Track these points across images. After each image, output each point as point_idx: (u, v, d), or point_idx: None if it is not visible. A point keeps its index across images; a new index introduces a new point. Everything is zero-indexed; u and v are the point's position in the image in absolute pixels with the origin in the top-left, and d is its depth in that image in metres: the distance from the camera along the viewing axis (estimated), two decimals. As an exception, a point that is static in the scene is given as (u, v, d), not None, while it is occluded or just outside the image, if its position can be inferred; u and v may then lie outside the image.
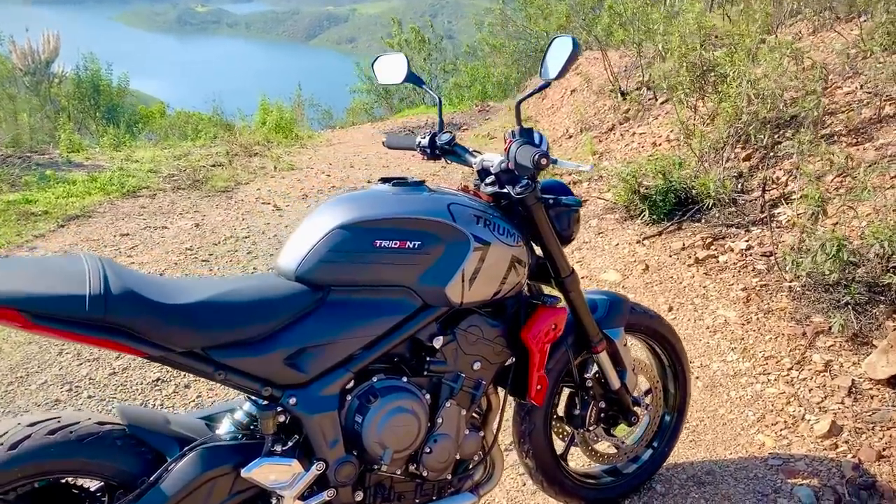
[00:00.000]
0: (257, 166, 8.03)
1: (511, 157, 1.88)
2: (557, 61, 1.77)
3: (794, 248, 3.64)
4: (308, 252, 1.72)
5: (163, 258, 4.81)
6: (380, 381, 1.85)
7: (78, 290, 1.44)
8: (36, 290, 1.42)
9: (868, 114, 4.81)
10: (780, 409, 2.85)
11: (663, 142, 6.19)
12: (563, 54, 1.75)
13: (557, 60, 1.77)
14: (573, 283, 2.13)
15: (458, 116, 11.69)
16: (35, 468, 1.48)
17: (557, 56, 1.77)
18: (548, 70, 1.82)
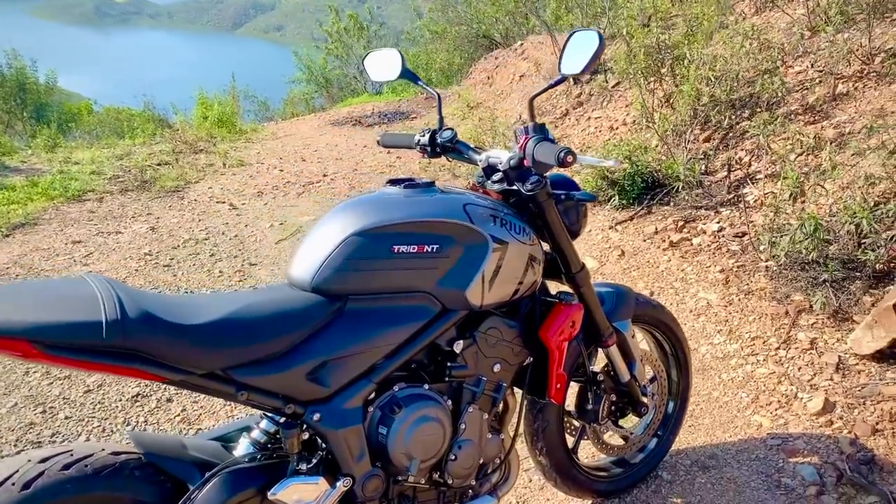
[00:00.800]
0: (205, 163, 7.79)
1: (529, 154, 1.83)
2: (579, 56, 1.72)
3: (767, 228, 3.71)
4: (324, 261, 1.65)
5: (121, 265, 4.61)
6: (401, 389, 1.79)
7: (93, 317, 1.35)
8: (47, 318, 1.32)
9: (821, 92, 4.93)
10: (773, 389, 2.90)
11: (620, 125, 6.24)
12: (586, 49, 1.70)
13: (580, 55, 1.72)
14: (584, 278, 2.10)
15: (405, 104, 11.58)
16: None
17: (579, 51, 1.73)
18: (568, 65, 1.77)
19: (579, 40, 1.74)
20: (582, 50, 1.72)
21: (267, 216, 5.77)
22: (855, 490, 2.37)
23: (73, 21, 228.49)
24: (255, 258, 4.79)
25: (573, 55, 1.75)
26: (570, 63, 1.76)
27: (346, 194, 6.36)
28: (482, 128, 6.94)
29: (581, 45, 1.73)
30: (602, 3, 7.72)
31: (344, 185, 6.67)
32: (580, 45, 1.73)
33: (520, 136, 1.95)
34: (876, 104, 4.42)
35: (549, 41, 9.88)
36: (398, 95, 13.23)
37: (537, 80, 8.74)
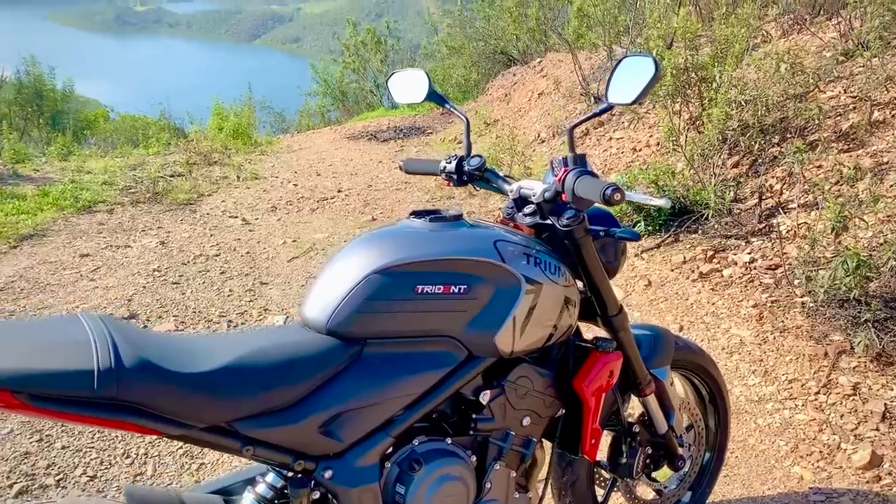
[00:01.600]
0: (219, 176, 7.68)
1: (568, 189, 1.67)
2: (631, 84, 1.56)
3: (802, 262, 3.53)
4: (341, 301, 1.49)
5: (129, 281, 4.48)
6: (421, 444, 1.63)
7: (84, 364, 1.20)
8: (33, 365, 1.17)
9: (856, 119, 4.75)
10: (813, 438, 2.71)
11: (643, 147, 6.08)
12: (639, 76, 1.54)
13: (631, 83, 1.56)
14: (622, 322, 1.93)
15: (420, 120, 11.47)
16: None
17: (630, 78, 1.57)
18: (616, 93, 1.61)
19: (630, 66, 1.58)
20: (634, 77, 1.56)
21: (280, 232, 5.63)
22: (907, 556, 2.18)
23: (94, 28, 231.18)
24: (267, 277, 4.64)
25: (623, 83, 1.59)
26: (619, 91, 1.60)
27: (360, 211, 6.22)
28: (500, 146, 6.78)
29: (633, 71, 1.57)
30: (626, 21, 7.58)
31: (358, 202, 6.53)
32: (631, 71, 1.57)
33: (557, 168, 1.78)
34: (915, 133, 4.24)
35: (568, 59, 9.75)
36: (414, 111, 13.11)
37: (556, 99, 8.59)
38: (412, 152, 9.01)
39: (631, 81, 1.57)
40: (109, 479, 2.64)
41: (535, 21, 9.25)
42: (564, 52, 10.09)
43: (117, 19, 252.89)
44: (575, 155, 1.74)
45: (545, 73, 9.23)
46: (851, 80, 5.21)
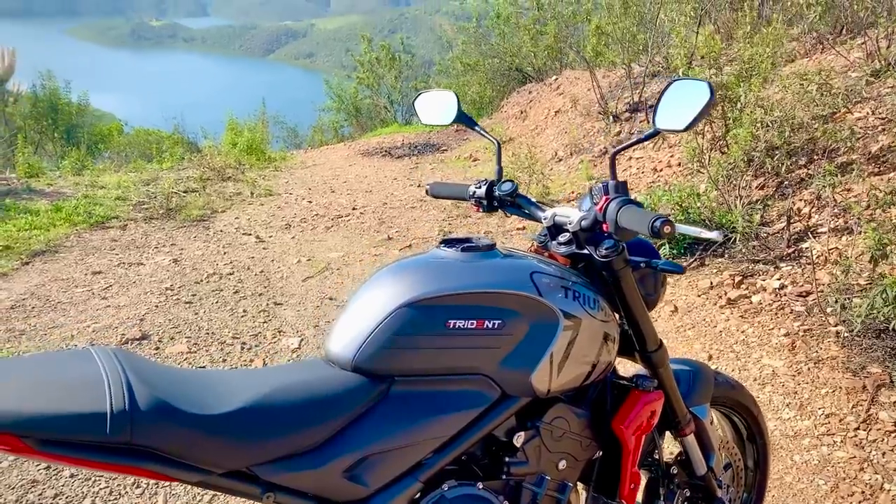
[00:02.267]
0: (233, 192, 7.62)
1: (610, 219, 1.57)
2: (682, 109, 1.46)
3: (835, 290, 3.41)
4: (368, 336, 1.39)
5: (141, 300, 4.40)
6: (451, 489, 1.52)
7: (97, 406, 1.11)
8: (42, 407, 1.08)
9: (886, 141, 4.64)
10: (854, 477, 2.58)
11: (664, 167, 5.98)
12: (691, 101, 1.44)
13: (682, 108, 1.46)
14: (662, 358, 1.82)
15: (435, 137, 11.40)
16: None
17: (681, 103, 1.47)
18: (666, 118, 1.51)
19: (681, 91, 1.48)
20: (684, 102, 1.46)
21: (294, 251, 5.55)
22: None
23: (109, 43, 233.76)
24: (281, 297, 4.55)
25: (673, 108, 1.49)
26: (668, 117, 1.50)
27: (375, 230, 6.13)
28: (518, 165, 6.69)
29: (683, 96, 1.47)
30: (644, 40, 7.50)
31: (374, 220, 6.45)
32: (682, 96, 1.48)
33: (597, 195, 1.69)
34: (949, 156, 4.12)
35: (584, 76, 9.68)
36: (428, 128, 13.07)
37: (573, 117, 8.51)
38: (427, 169, 8.94)
39: (681, 106, 1.47)
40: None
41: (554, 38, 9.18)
42: (581, 69, 10.04)
43: (132, 34, 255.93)
44: (616, 182, 1.64)
45: (561, 91, 9.15)
46: (880, 101, 5.10)
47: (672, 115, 1.49)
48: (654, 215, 1.45)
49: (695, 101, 1.43)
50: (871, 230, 3.12)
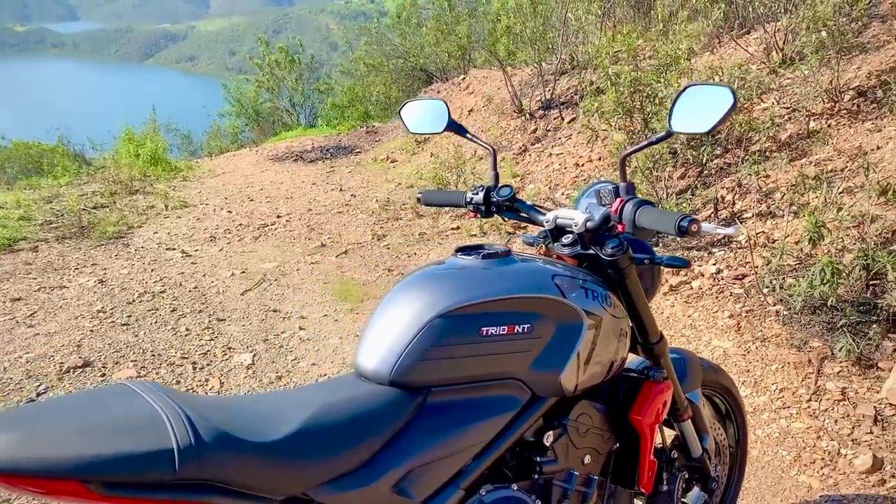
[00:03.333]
0: (145, 206, 7.31)
1: (627, 219, 1.64)
2: (701, 112, 1.53)
3: (772, 271, 3.64)
4: (405, 349, 1.40)
5: (73, 325, 4.17)
6: (488, 493, 1.55)
7: (162, 444, 1.08)
8: (103, 449, 1.04)
9: (793, 129, 4.97)
10: (813, 446, 2.77)
11: (586, 162, 6.17)
12: (711, 106, 1.52)
13: (701, 111, 1.53)
14: (663, 349, 1.90)
15: (346, 138, 11.31)
16: None
17: (698, 106, 1.54)
18: (681, 121, 1.58)
19: (697, 95, 1.56)
20: (703, 106, 1.53)
21: (225, 264, 5.39)
22: (928, 557, 2.25)
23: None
24: (223, 312, 4.42)
25: (689, 111, 1.56)
26: (685, 120, 1.57)
27: (306, 237, 6.04)
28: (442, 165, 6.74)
29: (700, 100, 1.54)
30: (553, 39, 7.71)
31: (302, 227, 6.35)
32: (699, 100, 1.55)
33: (608, 197, 1.76)
34: (853, 142, 4.46)
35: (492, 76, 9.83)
36: (334, 129, 12.94)
37: (487, 115, 8.64)
38: (344, 173, 8.86)
39: (700, 109, 1.54)
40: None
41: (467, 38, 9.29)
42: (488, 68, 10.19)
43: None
44: (627, 184, 1.71)
45: (472, 90, 9.26)
46: (782, 91, 5.45)
47: (689, 118, 1.56)
48: (680, 215, 1.51)
49: (716, 105, 1.51)
50: (807, 214, 3.34)
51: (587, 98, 5.68)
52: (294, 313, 4.41)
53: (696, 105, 1.55)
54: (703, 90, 1.56)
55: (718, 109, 1.50)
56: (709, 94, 1.54)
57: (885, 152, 4.14)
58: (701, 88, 1.56)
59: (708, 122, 1.51)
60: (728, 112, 1.50)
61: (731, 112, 1.50)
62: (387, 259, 5.35)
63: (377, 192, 7.54)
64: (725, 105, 1.49)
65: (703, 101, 1.54)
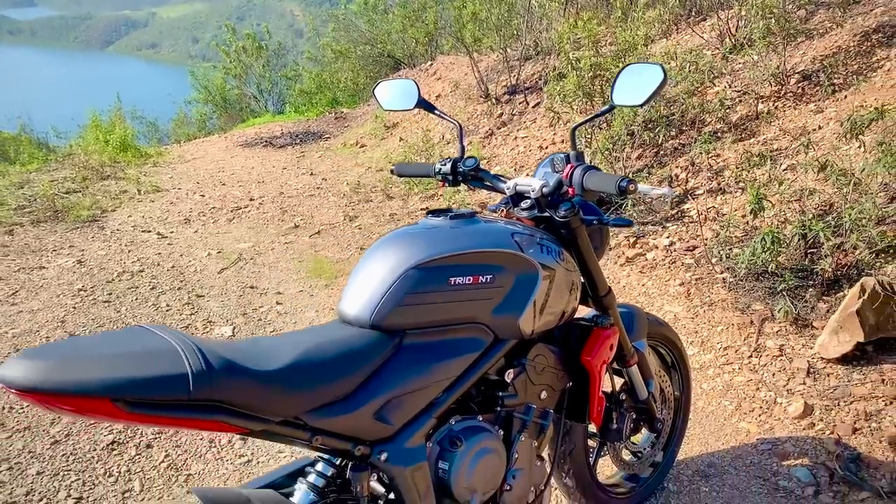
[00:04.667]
0: (118, 190, 7.40)
1: (577, 183, 1.88)
2: (637, 88, 1.77)
3: (718, 242, 3.92)
4: (382, 297, 1.62)
5: (55, 302, 4.31)
6: (457, 423, 1.78)
7: (178, 369, 1.27)
8: (129, 373, 1.23)
9: (743, 111, 5.26)
10: (753, 396, 3.05)
11: (549, 144, 6.42)
12: (645, 82, 1.75)
13: (637, 87, 1.77)
14: (611, 301, 2.15)
15: (314, 124, 11.43)
16: None
17: (636, 83, 1.78)
18: (622, 96, 1.81)
19: (635, 73, 1.79)
20: (640, 82, 1.77)
21: (201, 244, 5.54)
22: (848, 487, 2.53)
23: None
24: (201, 289, 4.59)
25: (628, 87, 1.80)
26: (624, 94, 1.81)
27: (279, 219, 6.21)
28: (412, 148, 6.94)
29: (638, 77, 1.78)
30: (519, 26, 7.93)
31: (275, 210, 6.51)
32: (637, 77, 1.78)
33: (560, 164, 1.98)
34: (798, 122, 4.76)
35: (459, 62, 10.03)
36: (302, 115, 13.03)
37: (455, 101, 8.85)
38: (315, 157, 9.01)
39: (637, 85, 1.77)
40: (97, 499, 2.60)
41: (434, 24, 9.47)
42: (454, 54, 10.39)
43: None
44: (577, 152, 1.94)
45: (439, 76, 9.45)
46: (734, 75, 5.74)
47: (628, 93, 1.80)
48: (619, 177, 1.75)
49: (649, 81, 1.74)
50: (751, 188, 3.61)
51: (550, 83, 5.91)
52: (271, 289, 4.60)
53: (634, 81, 1.79)
54: (640, 68, 1.79)
55: (652, 85, 1.74)
56: (645, 72, 1.77)
57: (826, 132, 4.44)
58: (638, 67, 1.80)
59: (643, 96, 1.75)
60: (659, 87, 1.73)
61: (662, 87, 1.73)
62: (359, 239, 5.55)
63: (347, 175, 7.71)
64: (657, 80, 1.73)
65: (640, 78, 1.77)
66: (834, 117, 4.54)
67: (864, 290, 3.06)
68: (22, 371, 1.17)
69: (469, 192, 5.93)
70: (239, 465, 2.82)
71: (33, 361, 1.19)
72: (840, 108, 4.62)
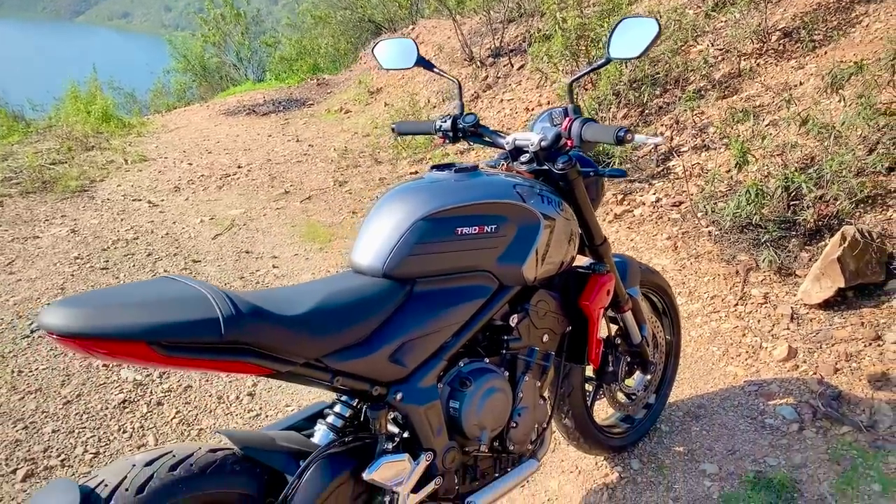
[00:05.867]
0: (104, 161, 7.39)
1: (575, 135, 1.96)
2: (632, 41, 1.85)
3: (704, 197, 4.03)
4: (394, 248, 1.70)
5: (53, 270, 4.36)
6: (466, 365, 1.89)
7: (209, 314, 1.35)
8: (164, 318, 1.31)
9: (726, 69, 5.34)
10: (739, 342, 3.18)
11: (535, 106, 6.48)
12: (640, 35, 1.83)
13: (633, 41, 1.85)
14: (607, 250, 2.26)
15: (297, 91, 11.37)
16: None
17: (631, 36, 1.85)
18: (618, 49, 1.89)
19: (630, 27, 1.87)
20: (634, 36, 1.84)
21: (193, 212, 5.58)
22: (830, 423, 2.67)
23: None
24: (197, 255, 4.65)
25: (624, 40, 1.87)
26: (620, 48, 1.88)
27: (269, 185, 6.25)
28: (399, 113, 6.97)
29: (633, 31, 1.86)
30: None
31: (263, 176, 6.54)
32: (631, 31, 1.86)
33: (558, 118, 2.06)
34: (779, 78, 4.85)
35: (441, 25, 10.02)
36: (283, 82, 12.94)
37: (439, 64, 8.81)
38: (299, 124, 9.00)
39: (632, 39, 1.85)
40: (113, 454, 2.70)
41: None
42: (436, 18, 10.36)
43: None
44: (574, 106, 2.02)
45: (422, 40, 9.43)
46: (716, 34, 5.82)
47: (623, 46, 1.88)
48: (617, 127, 1.84)
49: (645, 34, 1.82)
50: (735, 143, 3.72)
51: (536, 44, 5.96)
52: (266, 254, 4.67)
53: (629, 35, 1.87)
54: (634, 22, 1.87)
55: (646, 37, 1.82)
56: (639, 25, 1.85)
57: (807, 87, 4.54)
58: (633, 21, 1.87)
59: (638, 49, 1.83)
60: (654, 39, 1.81)
61: (656, 39, 1.82)
62: (350, 203, 5.61)
63: (334, 141, 7.74)
64: (652, 33, 1.81)
65: (635, 32, 1.85)
66: (814, 73, 4.64)
67: (844, 239, 3.18)
68: (62, 318, 1.24)
69: (457, 156, 5.99)
70: (248, 419, 2.92)
71: (72, 309, 1.26)
72: (820, 63, 4.72)
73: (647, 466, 2.59)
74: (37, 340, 3.48)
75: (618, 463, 2.61)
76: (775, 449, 2.59)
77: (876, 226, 3.42)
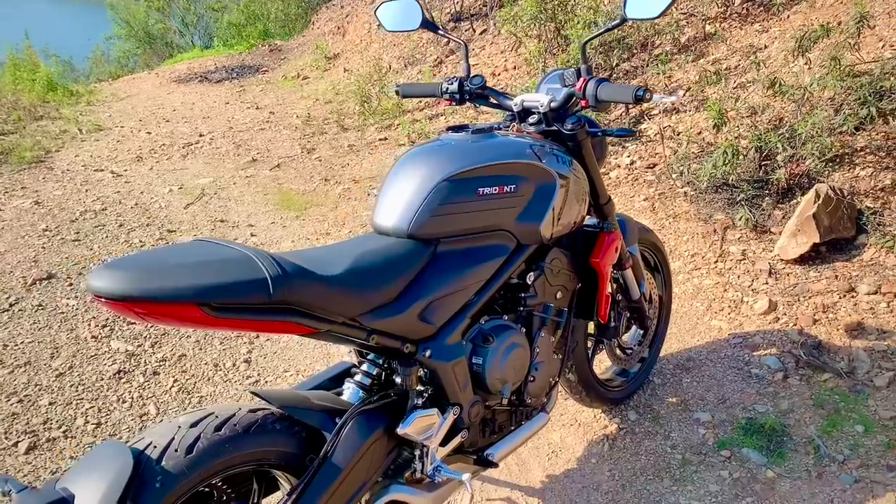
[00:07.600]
0: (57, 130, 7.14)
1: (590, 95, 2.00)
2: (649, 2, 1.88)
3: (679, 158, 4.13)
4: (419, 209, 1.73)
5: (22, 243, 4.23)
6: (486, 322, 1.94)
7: (256, 275, 1.37)
8: (212, 280, 1.32)
9: (691, 33, 5.44)
10: (721, 297, 3.31)
11: (502, 71, 6.49)
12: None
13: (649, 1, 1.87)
14: (611, 209, 2.32)
15: (249, 58, 11.13)
16: (214, 468, 1.40)
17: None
18: (634, 8, 1.92)
19: (648, -15, 1.90)
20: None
21: (159, 181, 5.47)
22: (812, 370, 2.82)
23: None
24: (171, 224, 4.58)
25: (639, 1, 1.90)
26: (637, 7, 1.91)
27: (235, 153, 6.14)
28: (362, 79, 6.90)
29: (649, -10, 1.89)
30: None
31: (228, 144, 6.42)
32: (648, -10, 1.89)
33: (570, 79, 2.10)
34: (745, 42, 4.97)
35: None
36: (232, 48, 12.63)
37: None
38: (256, 91, 8.84)
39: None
40: (115, 423, 2.68)
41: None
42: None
43: None
44: (587, 66, 2.06)
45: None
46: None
47: (640, 5, 1.91)
48: (635, 87, 1.89)
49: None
50: (712, 104, 3.81)
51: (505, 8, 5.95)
52: (241, 222, 4.62)
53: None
54: (653, -20, 1.90)
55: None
56: (660, -15, 1.88)
57: (772, 50, 4.67)
58: (650, -21, 1.91)
59: (657, 9, 1.87)
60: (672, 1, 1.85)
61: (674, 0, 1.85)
62: (321, 170, 5.57)
63: (295, 108, 7.63)
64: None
65: (656, -9, 1.88)
66: (779, 36, 4.76)
67: (818, 196, 3.32)
68: (112, 282, 1.24)
69: (429, 121, 5.99)
70: (248, 385, 2.93)
71: (120, 272, 1.25)
72: (784, 27, 4.84)
73: (644, 417, 2.69)
74: (17, 314, 3.39)
75: (615, 415, 2.71)
76: (763, 396, 2.72)
77: (844, 184, 3.57)
